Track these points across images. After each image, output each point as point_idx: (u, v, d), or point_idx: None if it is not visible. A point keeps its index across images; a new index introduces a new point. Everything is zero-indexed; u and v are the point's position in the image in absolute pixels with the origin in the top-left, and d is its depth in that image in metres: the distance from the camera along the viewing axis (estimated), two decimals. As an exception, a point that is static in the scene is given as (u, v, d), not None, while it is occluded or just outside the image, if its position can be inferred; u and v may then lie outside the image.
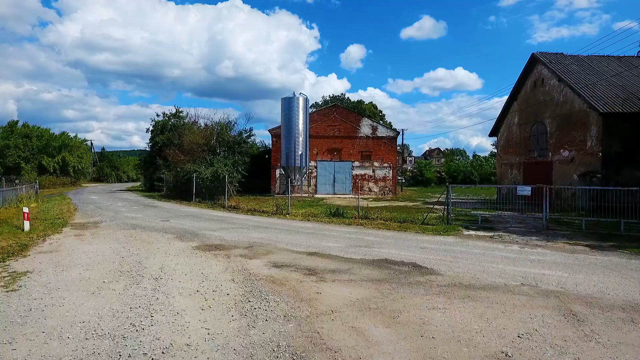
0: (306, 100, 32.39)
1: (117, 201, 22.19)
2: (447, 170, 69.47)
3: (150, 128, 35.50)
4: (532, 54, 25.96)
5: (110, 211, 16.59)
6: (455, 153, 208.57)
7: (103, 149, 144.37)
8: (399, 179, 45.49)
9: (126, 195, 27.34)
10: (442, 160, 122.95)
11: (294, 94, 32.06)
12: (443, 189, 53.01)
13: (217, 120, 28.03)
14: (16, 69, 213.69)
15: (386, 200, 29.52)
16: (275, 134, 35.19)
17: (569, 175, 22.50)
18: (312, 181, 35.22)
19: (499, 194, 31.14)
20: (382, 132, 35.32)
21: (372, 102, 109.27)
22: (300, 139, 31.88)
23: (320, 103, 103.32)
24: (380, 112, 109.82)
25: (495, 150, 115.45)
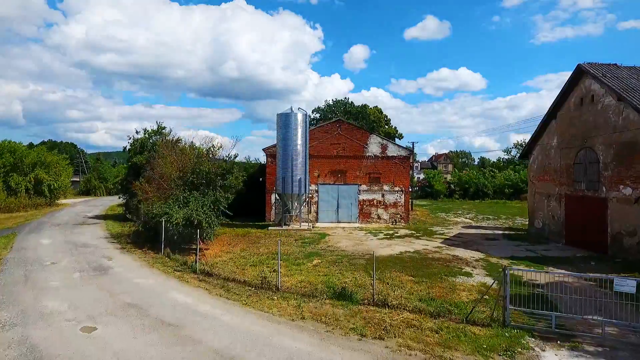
0: (305, 116, 27.99)
1: (66, 253, 17.72)
2: (458, 182, 64.84)
3: (128, 147, 31.11)
4: (578, 65, 21.42)
5: (32, 291, 12.08)
6: (460, 156, 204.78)
7: (99, 154, 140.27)
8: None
9: (88, 235, 22.81)
10: (450, 166, 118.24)
11: (291, 109, 27.64)
12: (459, 207, 48.24)
13: (198, 144, 23.61)
14: (21, 70, 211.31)
15: (398, 235, 25.03)
16: (270, 153, 30.81)
17: (634, 218, 17.93)
18: (313, 207, 30.81)
19: (531, 225, 26.62)
20: (392, 151, 30.86)
21: (377, 106, 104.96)
22: (299, 161, 27.49)
23: (323, 107, 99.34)
24: (386, 117, 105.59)
25: (505, 156, 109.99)
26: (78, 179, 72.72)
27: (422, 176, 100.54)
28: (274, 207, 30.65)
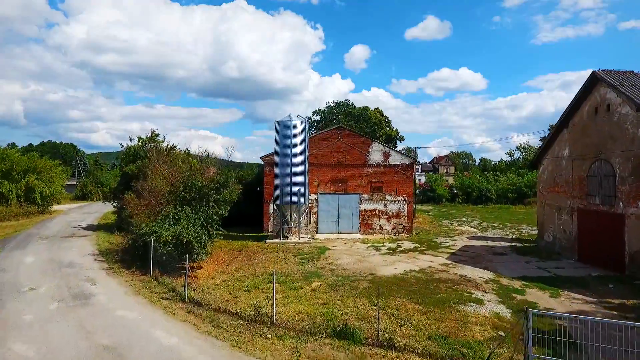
0: (305, 123, 26.87)
1: (48, 276, 16.55)
2: (461, 186, 63.63)
3: (123, 151, 29.96)
4: (593, 73, 20.30)
5: (1, 331, 11.03)
6: (461, 157, 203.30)
7: (97, 155, 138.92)
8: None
9: (76, 252, 21.49)
10: (451, 168, 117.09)
11: (290, 116, 26.52)
12: (462, 212, 47.11)
13: (193, 151, 22.49)
14: (23, 70, 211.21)
15: (402, 250, 23.90)
16: (268, 162, 29.71)
17: (654, 238, 16.81)
18: (313, 217, 29.71)
19: (541, 238, 25.45)
20: (395, 159, 29.73)
21: (378, 107, 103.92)
22: (298, 171, 26.37)
23: (324, 109, 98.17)
24: (387, 118, 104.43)
25: (508, 158, 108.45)
26: (75, 183, 71.62)
27: (423, 179, 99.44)
28: (272, 218, 29.53)
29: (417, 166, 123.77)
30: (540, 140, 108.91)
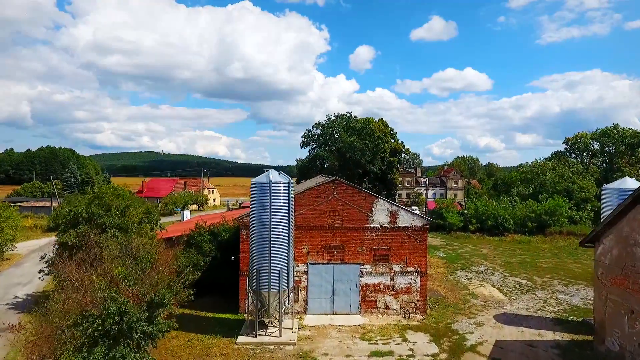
0: (289, 184, 20.71)
1: None
2: (475, 213, 57.15)
3: (62, 220, 23.73)
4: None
5: None
6: (467, 162, 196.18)
7: (89, 178, 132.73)
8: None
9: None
10: (460, 182, 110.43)
11: (269, 177, 20.37)
12: (477, 249, 40.75)
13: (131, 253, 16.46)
14: (30, 71, 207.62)
15: (420, 358, 17.78)
16: (244, 225, 23.63)
17: None
18: (301, 293, 23.65)
19: (600, 342, 19.29)
20: (405, 220, 23.57)
21: (382, 118, 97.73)
22: (280, 246, 20.29)
23: (324, 123, 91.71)
24: (392, 130, 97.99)
25: (516, 161, 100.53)
26: (50, 205, 65.86)
27: (427, 191, 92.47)
28: (249, 296, 23.43)
29: (424, 179, 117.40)
30: (555, 152, 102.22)
